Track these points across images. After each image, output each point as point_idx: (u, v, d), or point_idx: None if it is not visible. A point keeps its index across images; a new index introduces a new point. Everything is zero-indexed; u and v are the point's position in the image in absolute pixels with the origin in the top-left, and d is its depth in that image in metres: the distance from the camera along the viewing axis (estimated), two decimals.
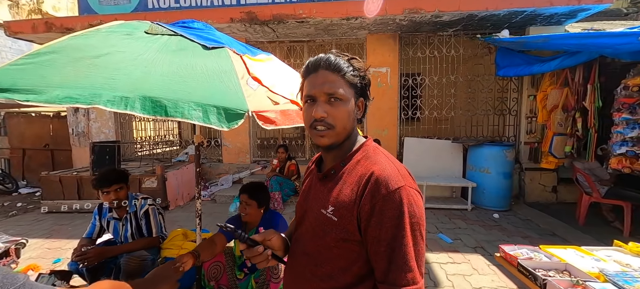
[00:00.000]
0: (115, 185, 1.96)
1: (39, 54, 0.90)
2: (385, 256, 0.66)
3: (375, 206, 0.67)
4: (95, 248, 1.92)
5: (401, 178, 0.69)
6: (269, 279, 1.87)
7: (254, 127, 5.40)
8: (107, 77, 0.89)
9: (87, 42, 1.01)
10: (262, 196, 1.88)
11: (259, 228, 1.94)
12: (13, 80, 0.79)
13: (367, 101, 0.80)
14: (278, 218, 2.00)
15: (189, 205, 4.65)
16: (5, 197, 5.25)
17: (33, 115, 6.47)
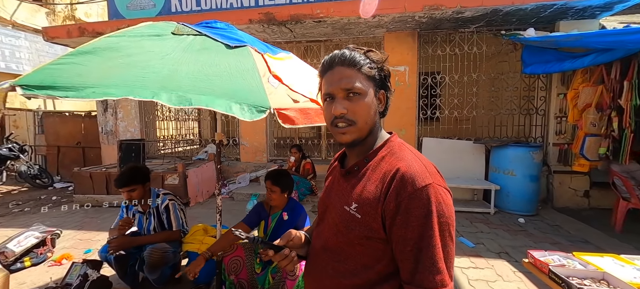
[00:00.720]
0: (126, 187, 2.04)
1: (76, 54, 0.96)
2: (412, 256, 0.63)
3: (401, 204, 0.64)
4: (118, 238, 2.02)
5: (429, 175, 0.66)
6: (285, 276, 1.88)
7: (271, 127, 5.47)
8: (137, 75, 0.93)
9: (119, 43, 1.07)
10: (285, 182, 1.97)
11: (283, 213, 2.01)
12: (53, 78, 0.84)
13: (388, 93, 0.77)
14: (301, 209, 2.06)
15: (208, 201, 4.79)
16: (41, 191, 5.64)
17: (67, 114, 6.92)
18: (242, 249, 2.10)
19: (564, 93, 4.04)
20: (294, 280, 1.85)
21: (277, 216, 2.07)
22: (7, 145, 5.55)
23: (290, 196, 2.12)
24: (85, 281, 1.61)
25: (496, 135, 4.78)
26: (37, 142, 6.80)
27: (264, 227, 2.09)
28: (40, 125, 6.81)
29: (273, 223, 2.07)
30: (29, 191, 5.68)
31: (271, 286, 1.98)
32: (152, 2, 5.02)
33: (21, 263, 2.59)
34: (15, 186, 5.96)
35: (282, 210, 2.06)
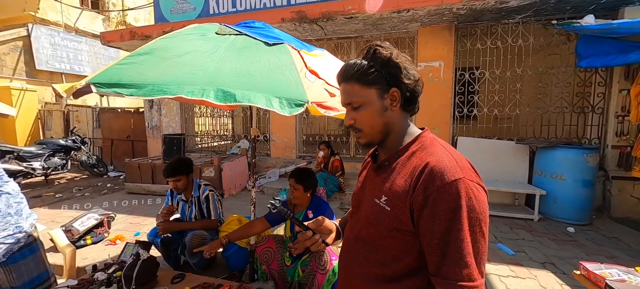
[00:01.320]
0: (172, 177, 2.24)
1: (136, 55, 1.08)
2: (438, 249, 0.64)
3: (429, 197, 0.65)
4: (165, 222, 2.23)
5: (459, 170, 0.66)
6: (316, 270, 1.92)
7: (301, 124, 5.57)
8: (187, 73, 1.02)
9: (171, 44, 1.17)
10: (308, 182, 1.99)
11: (308, 212, 2.04)
12: (119, 77, 0.96)
13: (403, 87, 0.76)
14: (326, 206, 2.07)
15: (240, 194, 5.02)
16: (98, 179, 6.33)
17: (119, 111, 7.66)
18: (273, 241, 2.18)
19: (628, 89, 3.57)
20: (324, 274, 1.88)
21: (302, 214, 2.09)
22: (72, 137, 6.31)
23: (314, 195, 2.11)
24: (137, 260, 1.79)
25: (542, 135, 4.38)
26: (95, 135, 7.63)
27: (290, 226, 2.14)
28: (97, 120, 7.63)
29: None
30: (88, 178, 6.42)
31: (301, 278, 2.03)
32: (192, 6, 5.36)
33: (84, 241, 2.95)
34: (77, 173, 6.76)
35: (306, 208, 2.06)
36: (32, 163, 5.42)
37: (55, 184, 5.90)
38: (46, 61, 8.38)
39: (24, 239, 1.52)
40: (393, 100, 0.77)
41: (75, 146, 6.17)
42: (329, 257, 1.88)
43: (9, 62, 7.73)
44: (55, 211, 4.17)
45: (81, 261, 2.65)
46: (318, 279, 1.90)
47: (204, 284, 1.90)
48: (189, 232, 2.22)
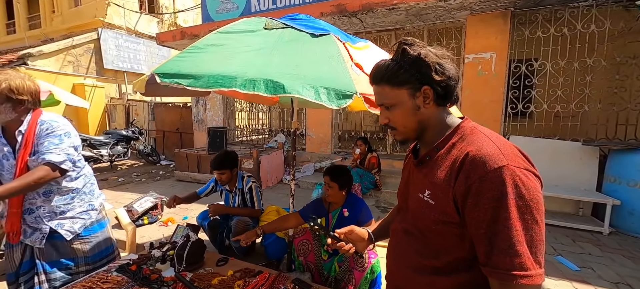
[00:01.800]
0: (217, 170, 2.38)
1: (193, 48, 1.15)
2: (485, 238, 0.63)
3: (471, 187, 0.64)
4: (216, 205, 2.40)
5: (503, 157, 0.64)
6: (353, 267, 1.89)
7: (337, 119, 5.54)
8: (239, 65, 1.06)
9: (223, 39, 1.23)
10: (343, 180, 1.95)
11: (343, 210, 2.00)
12: (179, 68, 1.03)
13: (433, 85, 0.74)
14: (361, 204, 2.02)
15: (276, 186, 5.18)
16: (152, 166, 7.02)
17: (170, 105, 8.39)
18: (310, 234, 2.20)
19: None
20: (362, 272, 1.84)
21: (338, 212, 2.06)
22: (131, 128, 7.08)
23: (349, 193, 2.06)
24: (187, 241, 1.93)
25: (618, 135, 3.77)
26: (150, 127, 8.45)
27: (325, 224, 2.12)
28: (152, 113, 8.44)
29: (334, 220, 2.08)
30: (144, 165, 7.15)
31: (337, 274, 2.02)
32: (235, 5, 5.61)
33: (141, 221, 3.28)
34: (135, 161, 7.58)
35: (341, 207, 2.03)
36: (100, 150, 6.20)
37: (118, 169, 6.69)
38: (112, 61, 9.47)
39: (95, 215, 1.73)
40: (426, 97, 0.76)
41: (134, 137, 6.91)
42: (367, 255, 1.83)
43: (84, 62, 8.90)
44: (119, 193, 4.72)
45: (139, 238, 2.96)
46: (355, 277, 1.87)
47: (245, 269, 1.99)
48: (234, 217, 2.37)
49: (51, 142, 1.43)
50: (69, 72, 8.43)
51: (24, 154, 1.40)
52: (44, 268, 1.58)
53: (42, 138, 1.43)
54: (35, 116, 1.47)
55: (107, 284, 1.73)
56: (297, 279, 1.89)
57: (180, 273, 1.83)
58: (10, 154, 1.44)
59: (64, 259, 1.63)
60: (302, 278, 2.06)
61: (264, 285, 1.79)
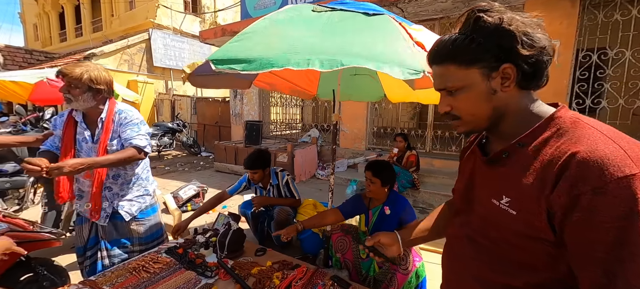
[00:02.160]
0: (250, 169, 2.41)
1: (242, 35, 1.14)
2: (601, 265, 0.48)
3: (580, 199, 0.48)
4: (261, 197, 2.46)
5: (632, 162, 0.47)
6: (395, 269, 1.78)
7: (372, 114, 5.37)
8: (290, 45, 1.02)
9: (271, 24, 1.20)
10: (386, 175, 1.85)
11: (384, 207, 1.90)
12: (232, 53, 1.02)
13: (517, 61, 0.58)
14: (404, 203, 1.90)
15: (309, 181, 5.19)
16: (193, 157, 7.49)
17: (210, 100, 8.85)
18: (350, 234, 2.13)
19: None
20: (406, 275, 1.73)
21: (378, 210, 1.96)
22: (176, 121, 7.60)
23: (391, 190, 1.97)
24: (229, 230, 1.97)
25: None
26: (192, 120, 9.01)
27: (365, 221, 2.03)
28: (194, 108, 8.99)
29: (374, 218, 1.98)
30: (186, 156, 7.65)
31: (377, 274, 1.92)
32: (273, 0, 5.68)
33: (185, 207, 3.48)
34: (179, 152, 8.15)
35: (383, 204, 1.94)
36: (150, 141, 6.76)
37: (164, 159, 7.24)
38: (160, 59, 10.26)
39: (149, 200, 1.85)
40: (505, 78, 0.60)
41: (179, 129, 7.42)
42: (411, 258, 1.71)
43: (136, 60, 9.77)
44: (165, 180, 5.09)
45: None
46: (398, 279, 1.76)
47: (283, 262, 1.98)
48: (276, 207, 2.42)
49: (133, 129, 1.59)
50: (125, 70, 9.31)
51: (104, 139, 1.56)
52: (105, 245, 1.73)
53: (123, 126, 1.58)
54: (111, 105, 1.62)
55: (157, 264, 1.84)
56: (336, 276, 1.84)
57: (222, 260, 1.89)
58: (89, 138, 1.60)
59: (122, 239, 1.77)
60: (340, 275, 2.00)
61: (302, 279, 1.77)
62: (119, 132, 1.60)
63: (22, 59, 10.05)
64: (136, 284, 1.62)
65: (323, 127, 6.19)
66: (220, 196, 2.40)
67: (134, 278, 1.68)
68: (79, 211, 1.74)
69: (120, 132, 1.59)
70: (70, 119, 1.60)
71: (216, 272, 1.78)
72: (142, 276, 1.70)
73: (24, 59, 10.10)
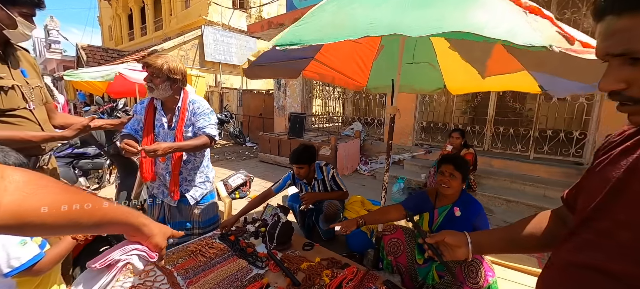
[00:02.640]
0: (297, 164, 2.35)
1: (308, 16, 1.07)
2: None
3: None
4: (309, 193, 2.41)
5: None
6: (463, 280, 1.58)
7: (421, 108, 5.00)
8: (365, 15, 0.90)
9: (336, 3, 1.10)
10: (466, 171, 1.68)
11: (454, 208, 1.70)
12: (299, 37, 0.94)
13: None
14: (478, 207, 1.68)
15: (351, 175, 5.06)
16: (239, 147, 7.87)
17: (255, 92, 9.19)
18: (402, 232, 1.97)
19: None
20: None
21: (447, 210, 1.76)
22: (224, 113, 8.05)
23: (463, 190, 1.75)
24: (278, 221, 1.96)
25: None
26: (238, 111, 9.48)
27: (428, 220, 1.84)
28: (240, 99, 9.44)
29: (440, 218, 1.78)
30: (233, 146, 8.08)
31: (436, 284, 1.74)
32: None
33: (233, 195, 3.64)
34: (226, 141, 8.65)
35: (453, 204, 1.73)
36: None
37: (213, 147, 7.74)
38: (211, 54, 10.95)
39: (209, 186, 1.94)
40: None
41: (227, 120, 7.84)
42: (483, 271, 1.50)
43: (191, 55, 10.56)
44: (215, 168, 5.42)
45: (233, 211, 3.28)
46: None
47: (332, 259, 1.91)
48: (325, 201, 2.38)
49: (205, 119, 1.72)
50: None
51: (180, 125, 1.69)
52: (169, 226, 1.86)
53: (197, 115, 1.71)
54: (185, 95, 1.75)
55: (212, 249, 1.91)
56: (389, 281, 1.71)
57: (272, 252, 1.89)
58: (166, 124, 1.74)
59: (185, 221, 1.89)
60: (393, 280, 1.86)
61: (353, 280, 1.68)
62: (193, 120, 1.72)
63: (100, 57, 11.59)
64: (194, 267, 1.69)
65: (366, 120, 5.97)
66: (266, 194, 2.40)
67: (193, 260, 1.76)
68: (153, 193, 1.88)
69: (194, 120, 1.72)
70: (150, 106, 1.75)
71: (266, 263, 1.78)
72: (199, 260, 1.78)
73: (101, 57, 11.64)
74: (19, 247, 0.87)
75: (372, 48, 2.15)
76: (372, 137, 5.71)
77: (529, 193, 3.59)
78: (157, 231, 0.69)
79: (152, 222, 0.69)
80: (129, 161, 2.81)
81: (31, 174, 0.45)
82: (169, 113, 1.75)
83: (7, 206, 0.39)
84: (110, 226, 0.57)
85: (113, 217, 0.57)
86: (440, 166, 1.72)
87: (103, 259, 0.68)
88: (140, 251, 0.69)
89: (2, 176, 0.41)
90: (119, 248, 0.70)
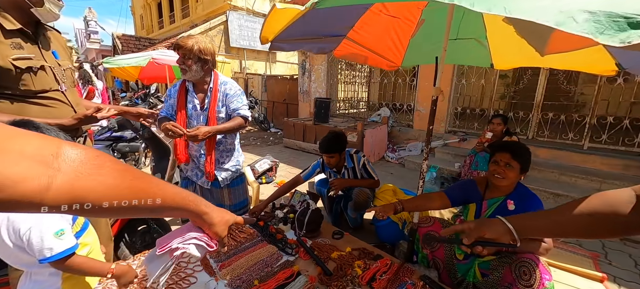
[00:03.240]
0: (327, 154, 2.24)
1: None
2: None
3: None
4: (339, 179, 2.32)
5: None
6: (512, 282, 1.42)
7: (456, 92, 4.64)
8: None
9: None
10: (526, 160, 1.47)
11: (508, 201, 1.52)
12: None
13: None
14: (536, 201, 1.49)
15: (378, 163, 4.89)
16: (264, 133, 7.95)
17: (279, 77, 9.14)
18: (440, 225, 1.82)
19: None
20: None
21: (498, 203, 1.57)
22: (249, 98, 8.12)
23: (519, 182, 1.56)
24: (307, 208, 1.90)
25: None
26: (262, 97, 9.53)
27: (475, 212, 1.67)
28: (264, 85, 9.46)
29: (490, 211, 1.60)
30: (258, 131, 8.18)
31: (479, 283, 1.59)
32: None
33: (260, 180, 3.65)
34: (251, 127, 8.77)
35: (506, 196, 1.54)
36: None
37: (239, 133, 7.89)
38: (235, 39, 11.01)
39: (239, 170, 1.92)
40: None
41: (251, 106, 7.91)
42: (539, 274, 1.33)
43: (216, 41, 10.68)
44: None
45: (261, 196, 3.29)
46: None
47: (363, 250, 1.83)
48: (355, 189, 2.28)
49: (238, 100, 1.73)
50: None
51: (213, 106, 1.69)
52: None
53: (229, 97, 1.71)
54: (216, 77, 1.73)
55: (242, 234, 1.90)
56: (426, 276, 1.59)
57: (301, 239, 1.85)
58: (198, 105, 1.73)
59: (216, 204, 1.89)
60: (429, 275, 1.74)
61: (387, 273, 1.58)
62: (226, 102, 1.72)
63: (133, 45, 12.14)
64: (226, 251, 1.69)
65: (395, 106, 5.69)
66: (294, 181, 2.32)
67: None
68: (187, 176, 1.89)
69: (227, 102, 1.72)
70: (182, 88, 1.74)
71: (296, 250, 1.74)
72: (230, 244, 1.78)
73: (134, 45, 12.19)
74: (54, 238, 0.86)
75: (411, 23, 1.94)
76: (400, 123, 5.45)
77: (581, 186, 3.21)
78: (218, 220, 0.65)
79: (213, 210, 0.64)
80: (162, 144, 2.89)
81: (89, 153, 0.41)
82: (201, 94, 1.73)
83: (59, 187, 0.36)
84: (168, 211, 0.54)
85: (172, 202, 0.54)
86: (495, 155, 1.53)
87: (163, 245, 0.67)
88: (199, 240, 0.66)
89: (57, 154, 0.38)
90: (179, 234, 0.67)
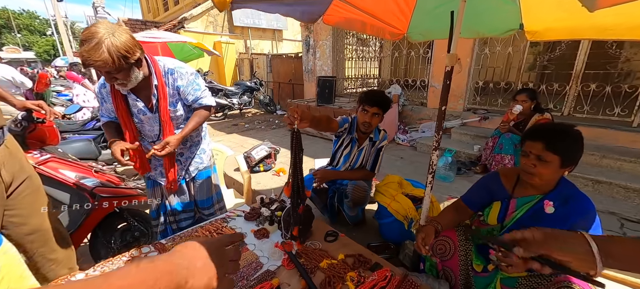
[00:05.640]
0: (376, 107, 1.82)
1: None
2: None
3: None
4: (322, 170, 2.03)
5: None
6: None
7: (477, 64, 4.08)
8: None
9: None
10: (569, 150, 1.08)
11: (545, 202, 1.17)
12: None
13: None
14: (587, 205, 1.12)
15: (388, 146, 4.50)
16: (270, 115, 7.68)
17: (283, 56, 8.71)
18: (455, 231, 1.49)
19: None
20: None
21: (532, 202, 1.21)
22: (254, 80, 7.80)
23: (563, 179, 1.18)
24: None
25: None
26: (268, 78, 9.18)
27: (499, 214, 1.32)
28: (269, 66, 9.07)
29: (520, 213, 1.24)
30: (263, 114, 7.92)
31: None
32: None
33: (257, 168, 3.42)
34: (257, 110, 8.52)
35: (544, 196, 1.18)
36: (232, 99, 7.16)
37: (245, 116, 7.66)
38: (239, 18, 10.53)
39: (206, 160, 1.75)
40: None
41: (256, 88, 7.61)
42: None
43: (219, 21, 10.28)
44: (244, 138, 5.29)
45: (255, 184, 3.07)
46: None
47: (359, 257, 1.55)
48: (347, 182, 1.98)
49: (194, 89, 1.47)
50: (210, 32, 9.96)
51: (164, 105, 1.40)
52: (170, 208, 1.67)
53: (183, 89, 1.44)
54: (156, 68, 1.38)
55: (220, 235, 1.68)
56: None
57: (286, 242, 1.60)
58: (145, 109, 1.43)
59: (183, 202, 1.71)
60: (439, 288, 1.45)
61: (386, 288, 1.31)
62: (180, 96, 1.45)
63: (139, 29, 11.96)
64: None
65: (407, 82, 5.18)
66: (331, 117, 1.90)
67: None
68: (150, 176, 1.66)
69: (181, 95, 1.45)
70: (114, 91, 1.37)
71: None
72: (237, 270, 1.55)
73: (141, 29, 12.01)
74: None
75: None
76: (412, 102, 4.98)
77: (629, 172, 2.71)
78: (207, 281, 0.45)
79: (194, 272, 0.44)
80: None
81: None
82: (144, 94, 1.39)
83: None
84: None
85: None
86: (524, 143, 1.16)
87: None
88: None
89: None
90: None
